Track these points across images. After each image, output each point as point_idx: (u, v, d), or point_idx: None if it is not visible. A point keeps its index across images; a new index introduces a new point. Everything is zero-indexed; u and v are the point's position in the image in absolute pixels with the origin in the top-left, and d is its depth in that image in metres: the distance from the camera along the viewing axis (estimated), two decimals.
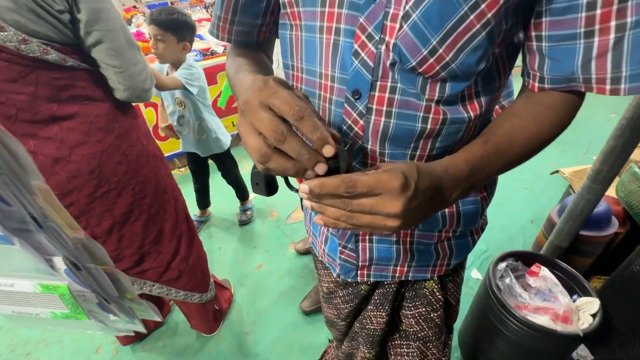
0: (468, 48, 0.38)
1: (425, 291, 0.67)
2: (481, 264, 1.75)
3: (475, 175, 0.41)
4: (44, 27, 0.68)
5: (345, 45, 0.42)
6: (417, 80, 0.41)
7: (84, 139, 0.82)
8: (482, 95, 0.45)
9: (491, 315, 1.04)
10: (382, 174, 0.33)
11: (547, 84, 0.42)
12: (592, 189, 1.06)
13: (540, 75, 0.42)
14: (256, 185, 0.49)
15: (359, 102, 0.44)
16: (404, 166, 0.35)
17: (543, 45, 0.40)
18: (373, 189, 0.33)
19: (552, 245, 1.25)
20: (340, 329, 0.84)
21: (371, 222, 0.35)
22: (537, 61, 0.42)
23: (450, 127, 0.45)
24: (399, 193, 0.33)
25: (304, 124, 0.31)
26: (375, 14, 0.39)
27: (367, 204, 0.33)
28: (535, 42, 0.41)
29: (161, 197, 1.05)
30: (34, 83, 0.71)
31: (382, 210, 0.33)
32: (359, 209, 0.34)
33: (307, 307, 1.55)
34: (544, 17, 0.38)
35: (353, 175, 0.33)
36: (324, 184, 0.33)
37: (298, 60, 0.50)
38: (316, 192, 0.33)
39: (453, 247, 0.61)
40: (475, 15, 0.36)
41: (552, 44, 0.39)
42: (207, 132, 1.71)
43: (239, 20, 0.54)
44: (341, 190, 0.32)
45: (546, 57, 0.40)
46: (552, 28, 0.38)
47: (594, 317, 0.93)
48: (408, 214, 0.34)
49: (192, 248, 1.22)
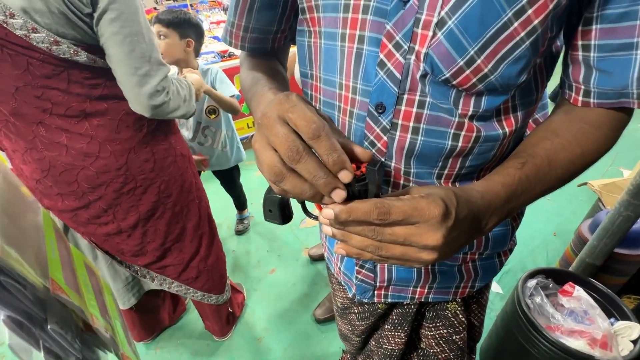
0: (510, 58, 0.34)
1: (447, 312, 0.63)
2: (501, 277, 1.69)
3: (512, 201, 0.37)
4: (74, 29, 0.70)
5: (369, 54, 0.39)
6: (450, 94, 0.38)
7: (114, 136, 0.85)
8: (519, 110, 0.41)
9: (519, 335, 0.98)
10: (419, 200, 0.29)
11: (593, 98, 0.38)
12: (631, 205, 1.00)
13: (585, 89, 0.38)
14: (269, 212, 0.44)
15: (383, 117, 0.41)
16: (442, 192, 0.31)
17: (591, 55, 0.36)
18: (409, 217, 0.28)
19: (584, 262, 1.19)
20: (355, 344, 0.81)
21: (403, 254, 0.31)
22: (583, 73, 0.37)
23: (483, 145, 0.42)
24: (439, 222, 0.29)
25: (319, 143, 0.27)
26: (405, 21, 0.35)
27: (402, 233, 0.29)
28: (581, 52, 0.37)
29: (186, 196, 1.06)
30: (66, 80, 0.74)
31: (418, 242, 0.29)
32: (391, 239, 0.30)
33: (320, 315, 1.51)
34: (594, 24, 0.34)
35: (386, 201, 0.29)
36: (353, 209, 0.28)
37: (317, 69, 0.46)
38: (342, 218, 0.29)
39: (478, 269, 0.57)
40: (520, 22, 0.32)
41: (602, 55, 0.35)
42: (232, 142, 1.69)
43: (253, 26, 0.50)
44: (372, 217, 0.28)
45: (594, 68, 0.36)
46: (604, 36, 0.34)
47: (635, 344, 0.87)
48: (446, 246, 0.30)
49: (211, 249, 1.22)
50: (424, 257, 0.31)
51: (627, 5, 0.32)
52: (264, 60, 0.55)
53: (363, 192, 0.31)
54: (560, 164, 0.39)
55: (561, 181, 0.40)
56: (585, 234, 1.27)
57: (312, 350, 1.41)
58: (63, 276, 0.48)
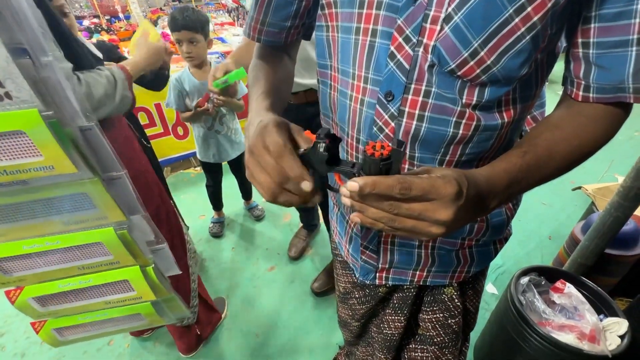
0: (511, 52, 0.37)
1: (444, 297, 0.67)
2: (497, 278, 1.71)
3: (513, 186, 0.40)
4: None
5: (381, 47, 0.43)
6: (455, 84, 0.41)
7: None
8: (519, 102, 0.45)
9: (512, 331, 1.01)
10: (437, 179, 0.32)
11: (592, 92, 0.40)
12: (621, 207, 1.04)
13: (585, 84, 0.41)
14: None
15: (391, 105, 0.44)
16: (455, 173, 0.34)
17: (590, 52, 0.38)
18: (427, 194, 0.32)
19: (576, 262, 1.21)
20: (353, 330, 0.84)
21: (415, 227, 0.34)
22: (583, 69, 0.40)
23: (482, 134, 0.45)
24: (452, 201, 0.32)
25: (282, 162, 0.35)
26: (414, 16, 0.39)
27: (418, 208, 0.32)
28: (581, 49, 0.39)
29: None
30: None
31: (431, 217, 0.33)
32: (407, 214, 0.33)
33: (318, 289, 1.63)
34: (592, 23, 0.37)
35: (408, 177, 0.32)
36: (377, 182, 0.31)
37: (335, 60, 0.50)
38: (367, 190, 0.32)
39: (474, 255, 0.60)
40: (520, 18, 0.35)
41: (600, 51, 0.38)
42: (239, 130, 1.78)
43: (269, 21, 0.55)
44: (395, 191, 0.31)
45: (593, 64, 0.39)
46: (601, 34, 0.37)
47: (622, 339, 0.90)
48: (455, 222, 0.33)
49: None
50: (434, 230, 0.34)
51: (622, 5, 0.34)
52: (271, 57, 0.59)
53: (386, 170, 0.34)
54: (559, 154, 0.41)
55: (559, 170, 0.43)
56: (578, 235, 1.30)
57: (309, 346, 1.43)
58: None
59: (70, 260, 0.52)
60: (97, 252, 0.50)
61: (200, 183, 2.31)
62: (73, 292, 0.56)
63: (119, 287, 0.57)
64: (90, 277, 0.54)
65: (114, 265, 0.53)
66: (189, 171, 2.74)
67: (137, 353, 1.42)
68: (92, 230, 0.49)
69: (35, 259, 0.50)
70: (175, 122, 2.43)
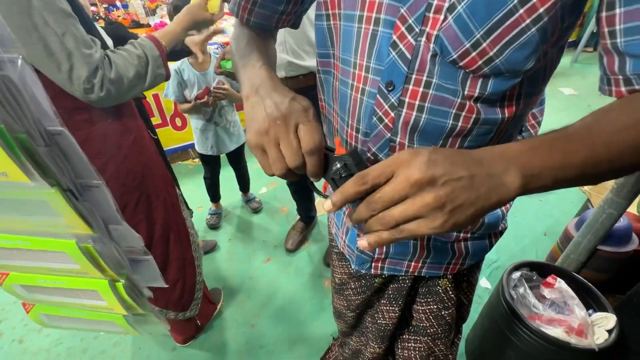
0: (515, 44, 0.36)
1: (438, 289, 0.67)
2: (490, 273, 1.73)
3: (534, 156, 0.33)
4: None
5: (383, 36, 0.42)
6: (458, 75, 0.41)
7: None
8: (523, 98, 0.44)
9: (502, 324, 1.02)
10: (389, 158, 0.33)
11: (637, 85, 0.35)
12: (614, 203, 1.04)
13: (624, 78, 0.36)
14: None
15: (392, 94, 0.44)
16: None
17: (618, 41, 0.35)
18: (386, 168, 0.32)
19: (568, 258, 1.23)
20: (348, 321, 0.85)
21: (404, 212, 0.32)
22: (617, 62, 0.36)
23: (481, 128, 0.45)
24: (411, 159, 0.31)
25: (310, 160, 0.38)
26: (418, 6, 0.38)
27: (387, 190, 0.32)
28: (609, 39, 0.36)
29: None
30: None
31: (403, 187, 0.31)
32: (383, 201, 0.32)
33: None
34: (617, 8, 0.34)
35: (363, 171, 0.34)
36: (342, 189, 0.34)
37: (337, 49, 0.50)
38: (338, 199, 0.34)
39: (469, 247, 0.61)
40: (525, 9, 0.34)
41: (629, 39, 0.34)
42: (238, 122, 1.78)
43: (261, 2, 0.53)
44: (358, 184, 0.33)
45: (625, 55, 0.35)
46: (627, 19, 0.33)
47: (610, 333, 0.91)
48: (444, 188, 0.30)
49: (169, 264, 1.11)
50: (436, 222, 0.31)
51: None
52: (261, 37, 0.58)
53: (349, 175, 0.37)
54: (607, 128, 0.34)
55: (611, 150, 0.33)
56: (572, 232, 1.31)
57: (303, 336, 1.45)
58: None
59: (41, 261, 0.50)
60: (64, 260, 0.48)
61: (198, 174, 2.31)
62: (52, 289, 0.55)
63: (90, 295, 0.54)
64: (64, 279, 0.53)
65: (83, 275, 0.51)
66: (187, 162, 2.74)
67: (134, 341, 1.44)
68: (56, 239, 0.46)
69: (13, 252, 0.49)
70: (174, 113, 2.43)
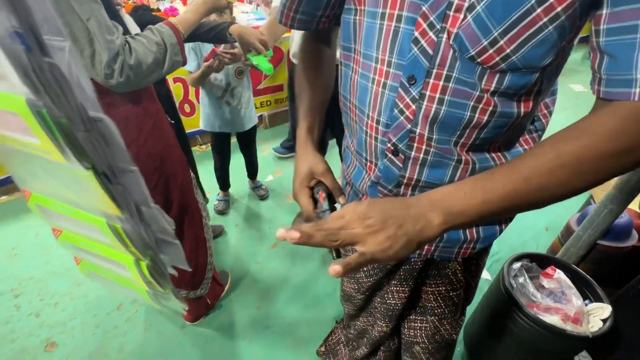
0: (532, 42, 0.38)
1: (448, 271, 0.70)
2: (491, 265, 1.77)
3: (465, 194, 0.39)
4: None
5: (405, 32, 0.44)
6: (476, 70, 0.43)
7: None
8: (539, 93, 0.45)
9: (501, 311, 1.06)
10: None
11: (603, 86, 0.37)
12: (616, 199, 1.07)
13: (599, 77, 0.37)
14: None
15: (413, 88, 0.46)
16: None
17: (601, 40, 0.36)
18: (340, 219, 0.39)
19: (568, 251, 1.26)
20: (357, 303, 0.88)
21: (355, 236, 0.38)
22: (598, 59, 0.37)
23: (497, 120, 0.47)
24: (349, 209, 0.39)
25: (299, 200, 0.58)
26: (439, 4, 0.40)
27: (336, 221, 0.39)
28: (594, 37, 0.37)
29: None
30: None
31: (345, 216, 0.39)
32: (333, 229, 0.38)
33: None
34: (604, 9, 0.35)
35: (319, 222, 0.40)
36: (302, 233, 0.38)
37: (359, 44, 0.52)
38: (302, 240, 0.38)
39: (480, 232, 0.63)
40: (542, 9, 0.35)
41: (609, 39, 0.35)
42: (251, 103, 1.79)
43: (302, 10, 0.57)
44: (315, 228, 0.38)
45: (605, 53, 0.36)
46: (612, 20, 0.35)
47: (604, 323, 0.95)
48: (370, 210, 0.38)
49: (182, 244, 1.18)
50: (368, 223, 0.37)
51: None
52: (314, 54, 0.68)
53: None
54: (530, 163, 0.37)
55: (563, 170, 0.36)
56: (573, 226, 1.34)
57: (307, 319, 1.50)
58: None
59: (82, 229, 0.56)
60: (98, 233, 0.53)
61: (205, 161, 2.35)
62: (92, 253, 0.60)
63: (120, 265, 0.60)
64: (101, 247, 0.58)
65: (114, 248, 0.56)
66: (195, 149, 2.77)
67: (145, 318, 1.50)
68: (90, 214, 0.52)
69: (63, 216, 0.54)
70: (182, 99, 2.45)
